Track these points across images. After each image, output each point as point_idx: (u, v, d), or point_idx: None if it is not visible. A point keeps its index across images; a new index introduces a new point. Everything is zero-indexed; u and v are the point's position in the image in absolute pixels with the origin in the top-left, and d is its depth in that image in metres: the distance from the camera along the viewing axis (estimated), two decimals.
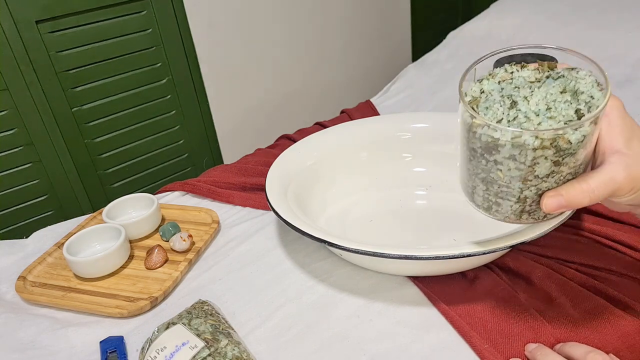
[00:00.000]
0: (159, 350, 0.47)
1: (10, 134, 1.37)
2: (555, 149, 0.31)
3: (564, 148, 0.31)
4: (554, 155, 0.31)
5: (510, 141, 0.31)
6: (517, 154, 0.31)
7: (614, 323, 0.49)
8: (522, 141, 0.31)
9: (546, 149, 0.31)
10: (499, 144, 0.31)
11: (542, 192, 0.33)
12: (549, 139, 0.31)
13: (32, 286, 0.64)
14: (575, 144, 0.31)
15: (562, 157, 0.32)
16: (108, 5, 1.42)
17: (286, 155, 0.73)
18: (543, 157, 0.31)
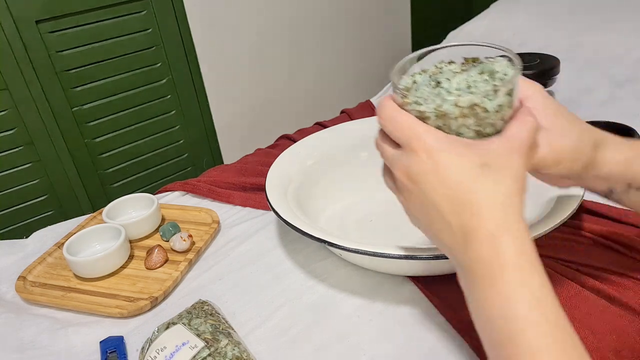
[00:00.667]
0: (159, 350, 0.47)
1: (10, 133, 1.37)
2: (475, 117, 0.34)
3: (483, 117, 0.34)
4: (475, 125, 0.35)
5: (434, 111, 0.35)
6: (441, 124, 0.35)
7: (614, 323, 0.49)
8: (444, 110, 0.34)
9: (466, 117, 0.34)
10: (426, 116, 0.35)
11: None
12: (468, 107, 0.34)
13: (32, 286, 0.64)
14: (493, 113, 0.34)
15: (482, 127, 0.35)
16: (108, 5, 1.43)
17: (286, 155, 0.73)
18: (465, 127, 0.35)
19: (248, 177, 0.83)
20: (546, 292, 0.32)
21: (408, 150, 0.35)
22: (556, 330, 0.30)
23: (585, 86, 1.00)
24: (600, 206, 0.64)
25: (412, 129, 0.35)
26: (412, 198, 0.36)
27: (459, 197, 0.33)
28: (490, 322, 0.32)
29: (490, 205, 0.33)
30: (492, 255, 0.32)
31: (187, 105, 1.69)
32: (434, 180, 0.34)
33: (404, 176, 0.36)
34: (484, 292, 0.33)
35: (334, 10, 1.98)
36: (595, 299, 0.52)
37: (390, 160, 0.37)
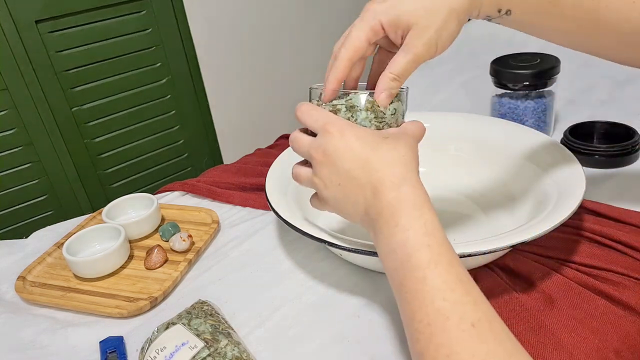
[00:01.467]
0: (159, 350, 0.47)
1: (9, 134, 1.37)
2: (375, 113, 0.45)
3: (381, 116, 0.45)
4: (375, 120, 0.45)
5: (345, 104, 0.45)
6: (350, 116, 0.45)
7: (615, 323, 0.49)
8: (353, 102, 0.45)
9: (369, 111, 0.44)
10: (337, 109, 0.45)
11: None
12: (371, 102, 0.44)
13: (31, 286, 0.64)
14: (389, 115, 0.45)
15: (381, 125, 0.45)
16: (108, 5, 1.43)
17: (286, 155, 0.73)
18: (368, 120, 0.45)
19: (248, 177, 0.83)
20: (436, 224, 0.39)
21: (323, 132, 0.43)
22: (442, 249, 0.38)
23: (585, 86, 1.00)
24: (600, 206, 0.64)
25: (326, 117, 0.43)
26: (329, 174, 0.43)
27: (364, 159, 0.41)
28: (391, 253, 0.39)
29: (391, 163, 0.41)
30: (395, 199, 0.40)
31: (187, 105, 1.69)
32: (345, 151, 0.42)
33: (321, 155, 0.43)
34: (389, 229, 0.39)
35: (333, 10, 1.98)
36: (596, 299, 0.52)
37: (308, 146, 0.45)
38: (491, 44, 1.25)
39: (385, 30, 0.44)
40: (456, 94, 1.09)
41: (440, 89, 1.12)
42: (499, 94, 0.84)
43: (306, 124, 0.45)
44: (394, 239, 0.39)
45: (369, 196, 0.41)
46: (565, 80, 0.86)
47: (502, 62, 0.82)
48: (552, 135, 0.85)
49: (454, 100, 1.06)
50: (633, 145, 0.74)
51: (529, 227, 0.50)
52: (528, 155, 0.67)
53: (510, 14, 0.45)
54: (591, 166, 0.74)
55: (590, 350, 0.47)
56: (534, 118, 0.81)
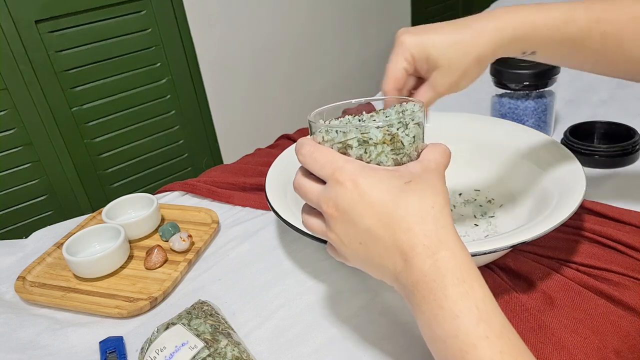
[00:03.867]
0: (159, 350, 0.47)
1: (9, 134, 1.37)
2: (394, 145, 0.37)
3: (399, 147, 0.37)
4: (392, 153, 0.37)
5: (357, 138, 0.37)
6: (363, 153, 0.37)
7: (615, 323, 0.49)
8: (368, 136, 0.37)
9: (386, 144, 0.37)
10: (348, 144, 0.37)
11: None
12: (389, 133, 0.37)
13: (31, 286, 0.64)
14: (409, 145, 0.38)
15: (400, 157, 0.38)
16: (107, 5, 1.43)
17: (286, 155, 0.73)
18: (384, 154, 0.37)
19: (248, 177, 0.83)
20: (489, 304, 0.32)
21: (333, 182, 0.36)
22: (503, 339, 0.31)
23: (585, 86, 1.00)
24: (600, 206, 0.64)
25: (333, 162, 0.36)
26: (345, 231, 0.36)
27: (388, 215, 0.34)
28: (440, 340, 0.32)
29: (420, 219, 0.34)
30: (432, 268, 0.33)
31: (187, 105, 1.69)
32: (362, 206, 0.34)
33: (334, 209, 0.36)
34: (431, 310, 0.33)
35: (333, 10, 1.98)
36: (596, 299, 0.52)
37: (317, 197, 0.37)
38: None
39: (417, 62, 0.47)
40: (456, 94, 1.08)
41: None
42: (499, 94, 0.83)
43: (312, 170, 0.38)
44: (441, 326, 0.32)
45: (399, 262, 0.34)
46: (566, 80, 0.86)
47: (502, 61, 0.82)
48: (552, 135, 0.85)
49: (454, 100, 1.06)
50: (633, 145, 0.74)
51: (529, 227, 0.50)
52: (528, 155, 0.67)
53: (535, 54, 0.48)
54: (591, 166, 0.74)
55: (591, 350, 0.46)
56: (534, 118, 0.81)
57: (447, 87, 0.48)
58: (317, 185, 0.38)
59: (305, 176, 0.39)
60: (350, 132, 0.37)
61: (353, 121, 0.41)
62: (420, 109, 0.40)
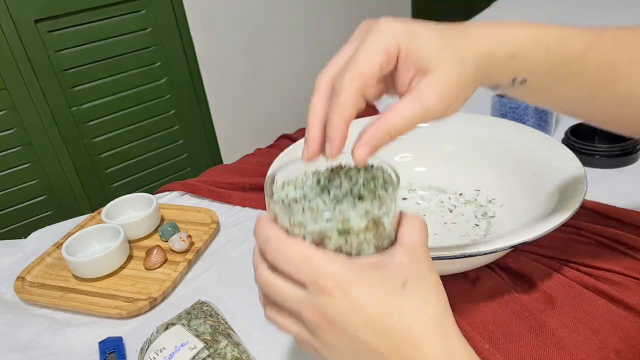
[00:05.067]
0: (158, 351, 0.47)
1: (8, 133, 1.37)
2: (376, 231, 0.32)
3: (381, 231, 0.32)
4: (374, 239, 0.32)
5: (337, 228, 0.31)
6: (343, 243, 0.31)
7: (615, 324, 0.49)
8: (350, 226, 0.31)
9: (369, 230, 0.31)
10: (326, 235, 0.31)
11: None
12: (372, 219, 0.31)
13: (30, 286, 0.64)
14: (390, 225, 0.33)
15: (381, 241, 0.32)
16: (107, 4, 1.42)
17: (286, 155, 0.72)
18: (366, 242, 0.32)
19: (247, 177, 0.83)
20: None
21: (316, 289, 0.29)
22: None
23: None
24: (600, 206, 0.64)
25: (312, 264, 0.29)
26: (335, 342, 0.30)
27: (390, 328, 0.29)
28: None
29: (427, 331, 0.30)
30: None
31: (187, 105, 1.69)
32: (357, 319, 0.29)
33: (320, 318, 0.30)
34: None
35: (334, 10, 1.97)
36: (597, 299, 0.51)
37: (295, 304, 0.31)
38: None
39: (399, 58, 0.33)
40: None
41: None
42: (499, 93, 0.83)
43: (284, 271, 0.31)
44: None
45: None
46: None
47: None
48: (553, 135, 0.85)
49: None
50: (633, 145, 0.74)
51: (529, 227, 0.50)
52: (529, 155, 0.66)
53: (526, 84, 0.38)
54: (592, 166, 0.74)
55: (591, 350, 0.46)
56: (535, 118, 0.81)
57: (439, 103, 0.33)
58: (295, 289, 0.30)
59: (273, 272, 0.31)
60: (328, 220, 0.30)
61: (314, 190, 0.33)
62: (394, 174, 0.34)
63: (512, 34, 0.36)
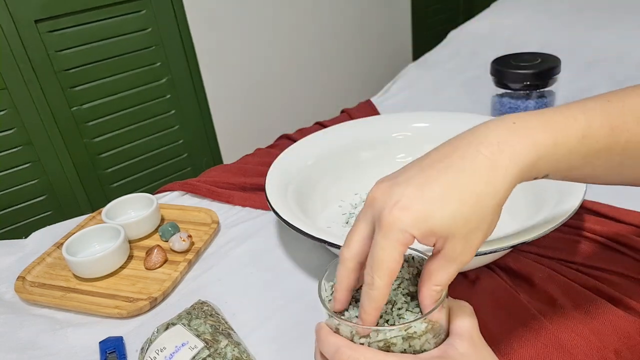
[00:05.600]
0: (159, 350, 0.47)
1: (9, 133, 1.37)
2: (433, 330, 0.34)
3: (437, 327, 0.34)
4: (433, 338, 0.34)
5: (401, 335, 0.33)
6: (407, 347, 0.33)
7: (615, 324, 0.49)
8: (413, 332, 0.33)
9: (428, 332, 0.34)
10: (392, 342, 0.33)
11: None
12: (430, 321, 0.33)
13: (31, 286, 0.64)
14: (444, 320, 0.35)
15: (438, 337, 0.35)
16: (107, 4, 1.42)
17: (286, 155, 0.73)
18: (427, 342, 0.34)
19: (248, 177, 0.83)
20: None
21: None
22: None
23: (585, 86, 1.00)
24: (600, 206, 0.64)
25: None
26: None
27: None
28: None
29: None
30: None
31: (187, 105, 1.69)
32: None
33: None
34: None
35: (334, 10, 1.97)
36: (596, 299, 0.51)
37: None
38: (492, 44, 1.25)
39: (421, 241, 0.33)
40: (456, 94, 1.09)
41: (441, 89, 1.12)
42: (499, 93, 0.83)
43: None
44: None
45: None
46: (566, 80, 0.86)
47: (502, 61, 0.82)
48: None
49: (454, 100, 1.06)
50: None
51: (529, 228, 0.50)
52: None
53: (548, 177, 0.37)
54: None
55: (591, 351, 0.46)
56: None
57: (471, 254, 0.34)
58: None
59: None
60: (391, 330, 0.33)
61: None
62: None
63: (530, 145, 0.33)
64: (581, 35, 1.16)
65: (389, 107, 1.09)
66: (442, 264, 0.33)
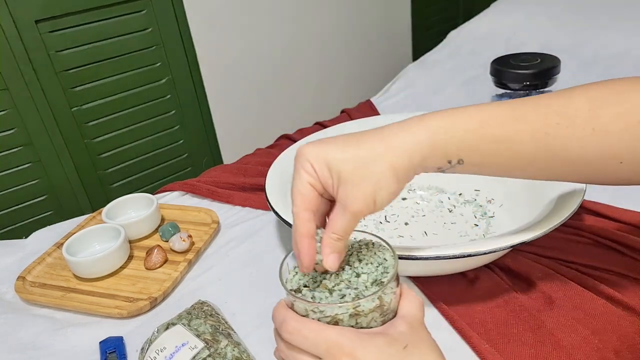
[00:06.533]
0: (159, 350, 0.47)
1: (9, 133, 1.37)
2: (381, 310, 0.37)
3: (385, 308, 0.37)
4: (380, 316, 0.37)
5: (349, 311, 0.36)
6: (354, 323, 0.36)
7: (614, 323, 0.49)
8: (360, 310, 0.36)
9: (375, 311, 0.36)
10: (339, 319, 0.36)
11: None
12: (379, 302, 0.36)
13: (31, 286, 0.64)
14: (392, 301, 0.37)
15: (386, 316, 0.37)
16: (108, 4, 1.42)
17: (286, 155, 0.73)
18: (374, 320, 0.37)
19: (248, 177, 0.83)
20: None
21: (330, 359, 0.34)
22: None
23: None
24: (600, 206, 0.64)
25: (326, 338, 0.34)
26: None
27: None
28: None
29: None
30: None
31: (187, 105, 1.69)
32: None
33: None
34: None
35: (333, 10, 1.97)
36: (596, 299, 0.52)
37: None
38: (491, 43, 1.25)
39: (322, 177, 0.39)
40: (456, 94, 1.09)
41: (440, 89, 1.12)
42: (499, 93, 0.83)
43: (302, 347, 0.36)
44: None
45: None
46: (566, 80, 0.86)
47: (502, 61, 0.82)
48: None
49: (454, 100, 1.06)
50: None
51: (529, 227, 0.50)
52: None
53: (462, 163, 0.41)
54: None
55: (590, 350, 0.47)
56: None
57: (361, 204, 0.38)
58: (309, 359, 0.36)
59: (293, 350, 0.37)
60: (340, 308, 0.36)
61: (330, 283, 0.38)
62: (392, 254, 0.39)
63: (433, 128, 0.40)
64: (581, 35, 1.16)
65: (389, 107, 1.09)
66: (338, 212, 0.38)
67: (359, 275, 0.38)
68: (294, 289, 0.39)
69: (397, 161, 0.39)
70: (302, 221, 0.39)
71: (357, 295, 0.37)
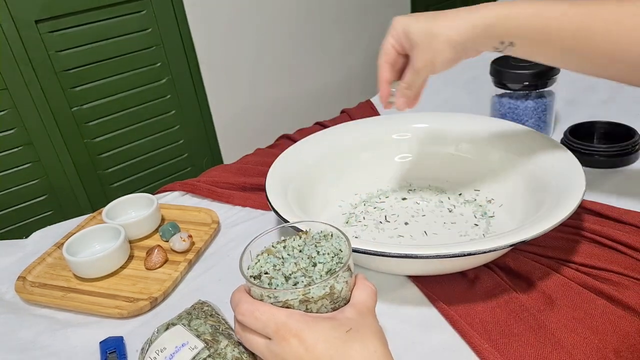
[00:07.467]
0: (159, 351, 0.47)
1: (9, 133, 1.37)
2: (331, 297, 0.40)
3: (336, 296, 0.40)
4: (330, 303, 0.40)
5: (298, 298, 0.39)
6: (304, 309, 0.39)
7: (614, 323, 0.49)
8: (309, 296, 0.39)
9: (325, 298, 0.39)
10: (289, 304, 0.39)
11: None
12: (329, 290, 0.39)
13: (31, 286, 0.64)
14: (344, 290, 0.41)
15: (337, 304, 0.41)
16: (108, 4, 1.42)
17: (286, 155, 0.73)
18: (324, 307, 0.40)
19: (248, 177, 0.83)
20: None
21: (278, 339, 0.38)
22: None
23: (585, 86, 1.00)
24: (600, 206, 0.64)
25: (276, 319, 0.38)
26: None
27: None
28: None
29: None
30: None
31: (187, 105, 1.69)
32: (310, 358, 0.37)
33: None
34: None
35: (333, 10, 1.98)
36: (596, 299, 0.52)
37: (262, 351, 0.40)
38: None
39: (401, 40, 0.55)
40: (456, 94, 1.09)
41: (440, 89, 1.12)
42: (499, 94, 0.83)
43: (254, 328, 0.39)
44: None
45: None
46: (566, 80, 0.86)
47: (502, 61, 0.82)
48: (552, 135, 0.85)
49: (454, 100, 1.06)
50: (633, 145, 0.74)
51: (529, 227, 0.50)
52: (528, 155, 0.67)
53: (514, 46, 0.52)
54: (591, 166, 0.74)
55: (590, 350, 0.47)
56: (534, 118, 0.81)
57: (423, 64, 0.54)
58: (262, 340, 0.39)
59: (246, 331, 0.40)
60: (291, 294, 0.39)
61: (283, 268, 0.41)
62: (347, 245, 0.42)
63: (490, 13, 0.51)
64: None
65: None
66: (408, 68, 0.56)
67: (315, 265, 0.41)
68: (255, 275, 0.42)
69: (454, 37, 0.52)
70: (382, 70, 0.57)
71: (309, 283, 0.39)
